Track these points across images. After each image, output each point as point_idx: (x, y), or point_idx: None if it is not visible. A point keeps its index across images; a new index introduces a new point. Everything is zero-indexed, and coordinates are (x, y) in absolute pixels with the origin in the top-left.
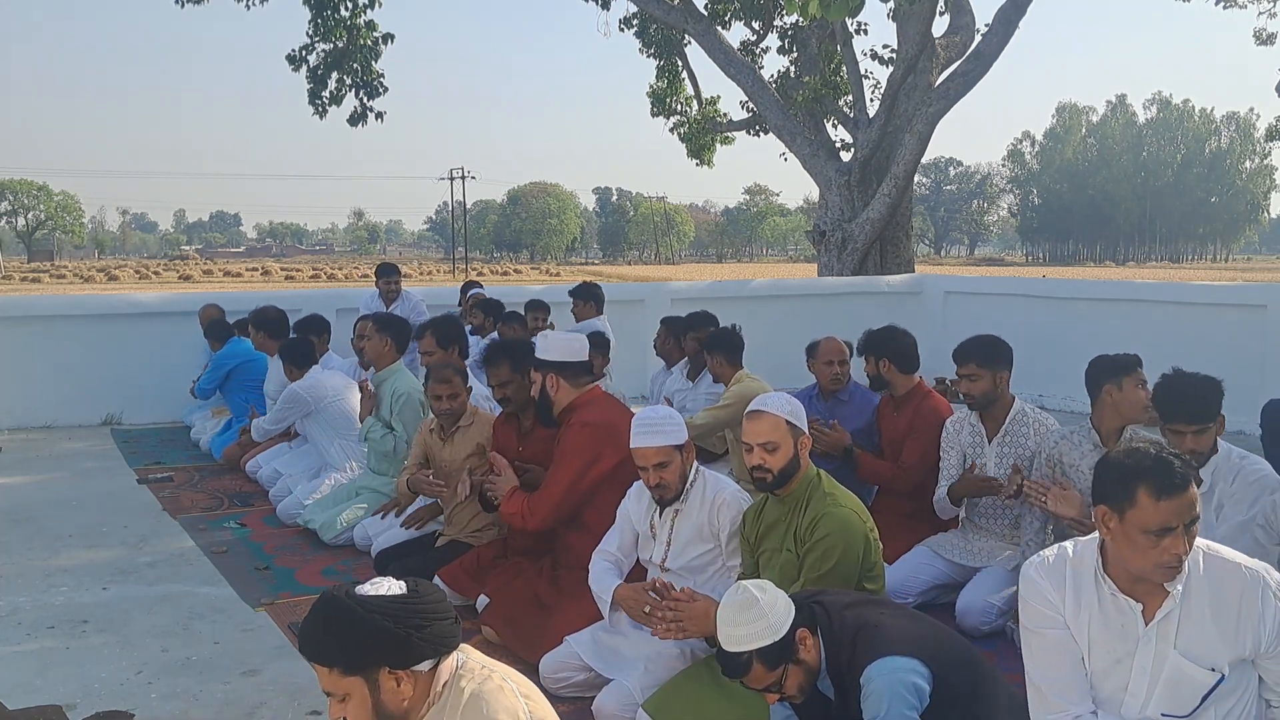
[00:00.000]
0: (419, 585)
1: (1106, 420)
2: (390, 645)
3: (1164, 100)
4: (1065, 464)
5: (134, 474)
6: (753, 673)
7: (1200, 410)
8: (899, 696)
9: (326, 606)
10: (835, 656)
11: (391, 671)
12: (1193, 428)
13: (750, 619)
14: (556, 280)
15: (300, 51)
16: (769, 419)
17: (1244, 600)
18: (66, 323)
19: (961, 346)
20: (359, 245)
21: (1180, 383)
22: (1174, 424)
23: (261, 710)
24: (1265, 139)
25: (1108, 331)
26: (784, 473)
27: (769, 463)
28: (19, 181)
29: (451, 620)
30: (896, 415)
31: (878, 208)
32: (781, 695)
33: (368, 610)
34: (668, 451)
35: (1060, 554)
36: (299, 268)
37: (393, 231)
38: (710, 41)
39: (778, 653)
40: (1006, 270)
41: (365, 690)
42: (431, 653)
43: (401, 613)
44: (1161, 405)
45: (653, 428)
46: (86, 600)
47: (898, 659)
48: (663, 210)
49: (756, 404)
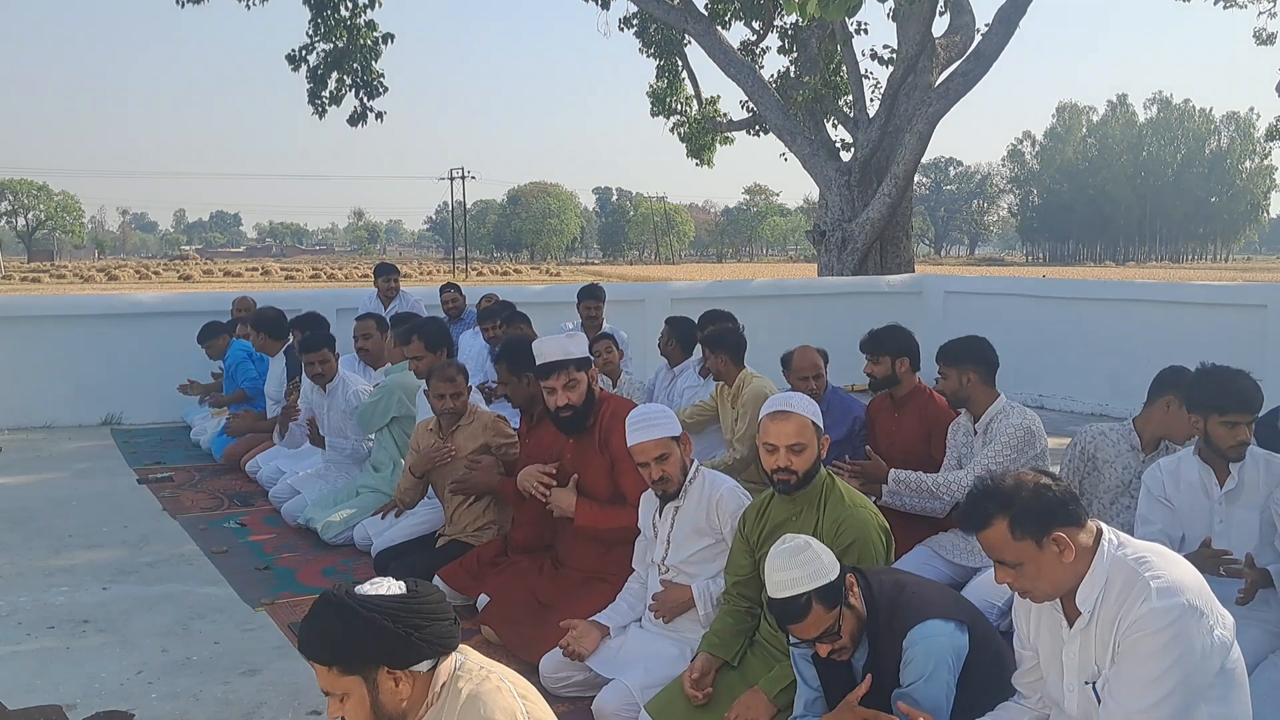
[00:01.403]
0: (419, 585)
1: (1152, 427)
2: (389, 645)
3: (1164, 100)
4: (1099, 459)
5: (134, 474)
6: (811, 615)
7: (1254, 398)
8: (944, 663)
9: (326, 605)
10: (873, 616)
11: (390, 671)
12: (1248, 417)
13: (805, 561)
14: (557, 280)
15: (300, 51)
16: (796, 420)
17: None
18: (66, 323)
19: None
20: (359, 245)
21: (1225, 374)
22: (1231, 415)
23: (261, 710)
24: (1265, 139)
25: (1108, 331)
26: (807, 475)
27: (795, 464)
28: (19, 181)
29: (451, 621)
30: (898, 416)
31: (878, 207)
32: (833, 648)
33: (368, 610)
34: (665, 443)
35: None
36: (299, 268)
37: (393, 231)
38: (710, 41)
39: (833, 594)
40: (1006, 270)
41: (364, 690)
42: (430, 653)
43: (401, 613)
44: (1216, 398)
45: (647, 423)
46: (86, 600)
47: (944, 623)
48: (663, 210)
49: (780, 404)
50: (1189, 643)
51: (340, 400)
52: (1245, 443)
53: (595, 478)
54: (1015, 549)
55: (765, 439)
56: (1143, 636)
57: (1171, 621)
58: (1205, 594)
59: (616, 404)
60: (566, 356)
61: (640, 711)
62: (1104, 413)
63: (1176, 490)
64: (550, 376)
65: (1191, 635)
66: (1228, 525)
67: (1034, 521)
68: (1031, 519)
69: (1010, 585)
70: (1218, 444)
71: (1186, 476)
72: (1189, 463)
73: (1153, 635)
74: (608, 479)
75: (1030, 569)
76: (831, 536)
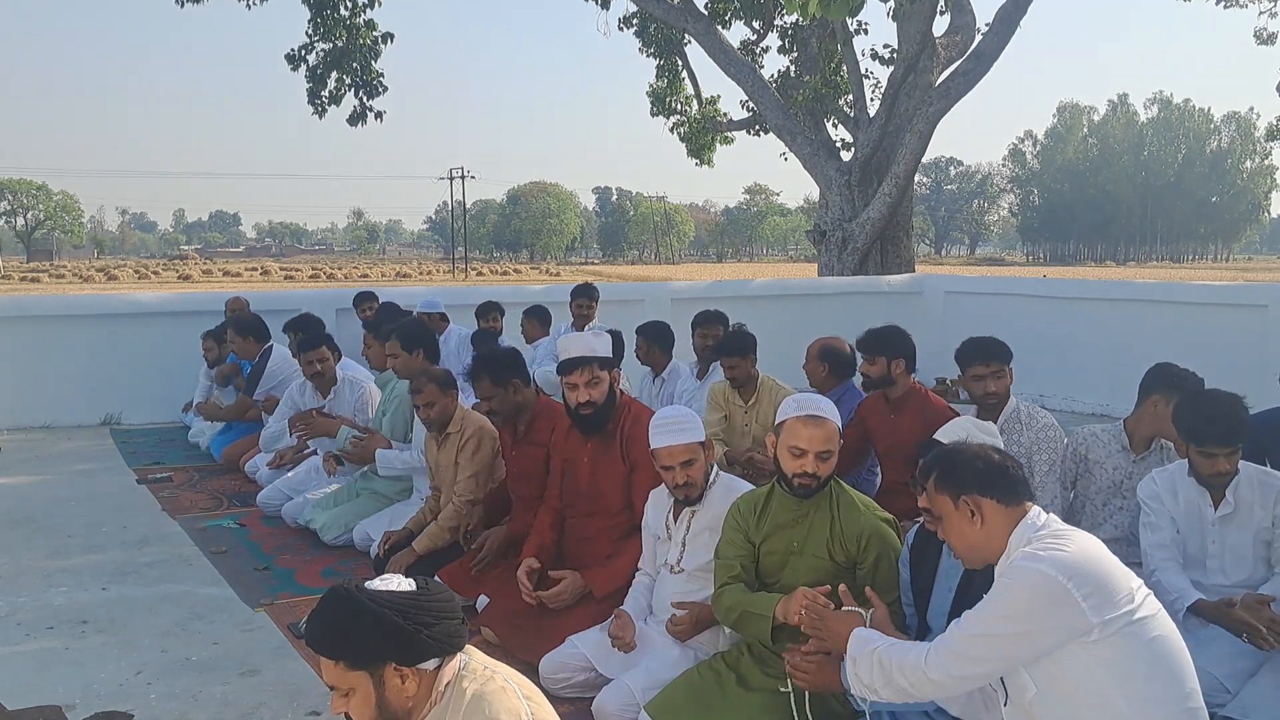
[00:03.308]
0: (429, 583)
1: (1142, 427)
2: (399, 641)
3: (1165, 100)
4: (1091, 460)
5: (134, 474)
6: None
7: (1234, 431)
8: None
9: (337, 599)
10: None
11: (398, 668)
12: (1226, 450)
13: (988, 431)
14: (557, 280)
15: (300, 51)
16: (828, 427)
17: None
18: (66, 323)
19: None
20: (358, 245)
21: (1209, 403)
22: (1207, 446)
23: (261, 710)
24: (1265, 139)
25: (1108, 331)
26: (825, 481)
27: (820, 471)
28: (18, 181)
29: (459, 621)
30: (895, 418)
31: (878, 207)
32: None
33: (379, 605)
34: (694, 449)
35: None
36: (298, 267)
37: (392, 231)
38: (710, 41)
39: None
40: (1007, 270)
41: (370, 686)
42: (438, 651)
43: (412, 609)
44: (1191, 427)
45: (677, 427)
46: (86, 600)
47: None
48: (663, 210)
49: (812, 409)
50: (1035, 607)
51: (348, 400)
52: (1224, 474)
53: (611, 485)
54: (937, 501)
55: (794, 442)
56: (999, 583)
57: (1023, 578)
58: (1092, 580)
59: (638, 410)
60: (591, 354)
61: (640, 712)
62: (1104, 413)
63: (1175, 505)
64: (574, 372)
65: (1039, 601)
66: (1221, 547)
67: (953, 480)
68: (952, 477)
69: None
70: (1198, 471)
71: (1184, 494)
72: (1185, 483)
73: (1004, 583)
74: (623, 488)
75: (947, 524)
76: (855, 547)
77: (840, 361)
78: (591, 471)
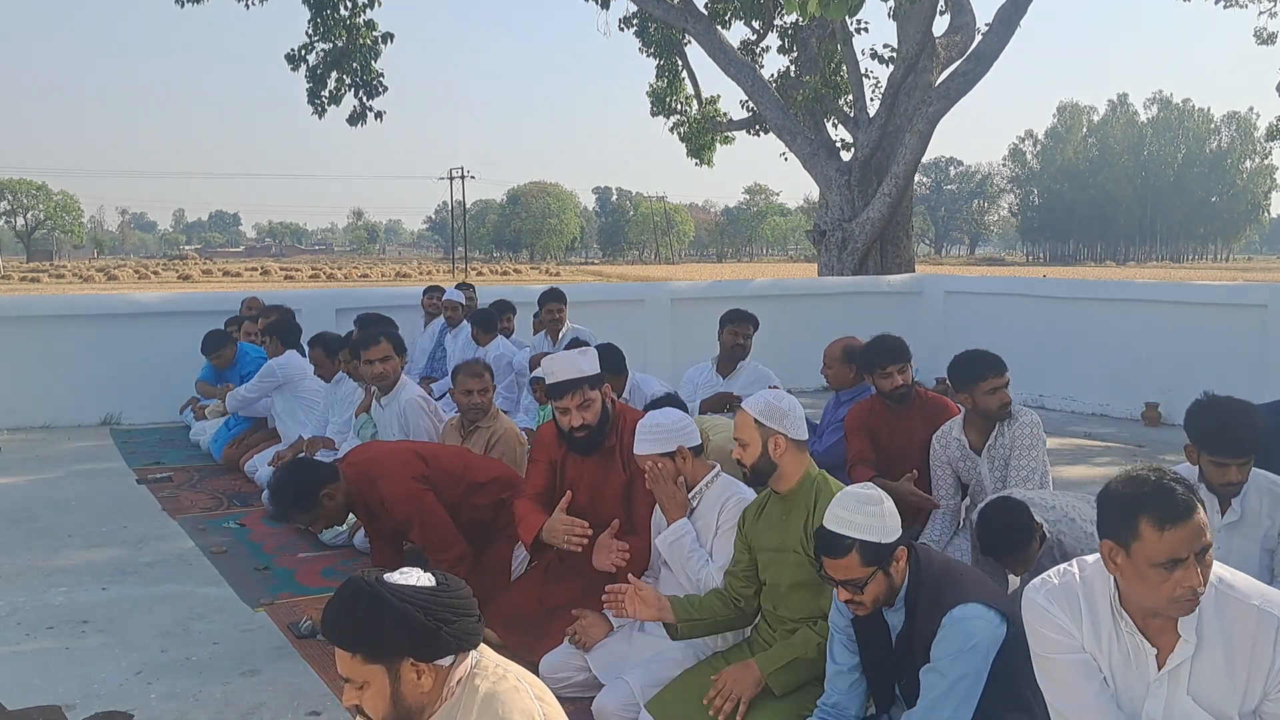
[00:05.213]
0: (448, 579)
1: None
2: (419, 637)
3: (1165, 100)
4: (1066, 546)
5: (134, 474)
6: (846, 559)
7: (1247, 441)
8: (979, 647)
9: (356, 591)
10: (916, 585)
11: (415, 663)
12: (1238, 460)
13: (870, 514)
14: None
15: (300, 51)
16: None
17: (1257, 645)
18: (66, 323)
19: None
20: (358, 245)
21: (1221, 411)
22: (1219, 456)
23: (261, 710)
24: (1265, 139)
25: (1108, 331)
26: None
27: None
28: (18, 181)
29: (476, 618)
30: (897, 423)
31: (878, 207)
32: (852, 600)
33: (400, 599)
34: (657, 457)
35: (1067, 578)
36: (298, 267)
37: (392, 231)
38: (710, 41)
39: (877, 554)
40: (1007, 270)
41: (386, 679)
42: (455, 648)
43: (432, 604)
44: (1204, 436)
45: (647, 434)
46: (86, 600)
47: (987, 609)
48: (663, 210)
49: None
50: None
51: (398, 410)
52: (1234, 484)
53: (611, 499)
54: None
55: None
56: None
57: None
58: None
59: (633, 416)
60: (579, 375)
61: (641, 711)
62: (1104, 413)
63: None
64: (564, 396)
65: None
66: (1226, 555)
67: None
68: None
69: None
70: (1208, 478)
71: None
72: None
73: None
74: (622, 499)
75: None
76: None
77: (862, 361)
78: (593, 489)
